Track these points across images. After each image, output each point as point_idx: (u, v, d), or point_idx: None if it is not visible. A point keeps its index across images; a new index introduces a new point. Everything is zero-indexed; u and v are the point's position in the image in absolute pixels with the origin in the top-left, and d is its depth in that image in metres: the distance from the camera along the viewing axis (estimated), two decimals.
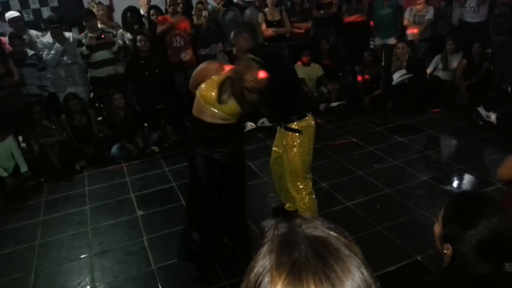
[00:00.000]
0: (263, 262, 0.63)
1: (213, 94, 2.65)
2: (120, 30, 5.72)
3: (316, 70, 6.22)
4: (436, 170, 4.22)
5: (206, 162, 2.80)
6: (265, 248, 0.64)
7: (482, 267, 1.29)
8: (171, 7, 5.64)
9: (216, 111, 2.68)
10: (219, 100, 2.65)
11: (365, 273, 0.62)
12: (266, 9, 6.12)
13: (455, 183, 4.05)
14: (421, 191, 3.89)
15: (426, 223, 3.28)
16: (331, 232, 0.65)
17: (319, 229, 0.65)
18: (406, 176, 4.12)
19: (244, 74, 2.57)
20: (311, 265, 0.60)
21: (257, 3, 6.31)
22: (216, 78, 2.69)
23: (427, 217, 3.39)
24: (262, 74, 2.51)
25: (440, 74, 6.03)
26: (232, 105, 2.66)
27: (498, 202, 1.39)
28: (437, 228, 1.41)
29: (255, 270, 0.63)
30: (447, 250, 1.36)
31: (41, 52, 5.27)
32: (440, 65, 6.03)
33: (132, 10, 5.78)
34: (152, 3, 6.24)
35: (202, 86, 2.70)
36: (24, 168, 4.79)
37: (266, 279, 0.61)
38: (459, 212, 1.34)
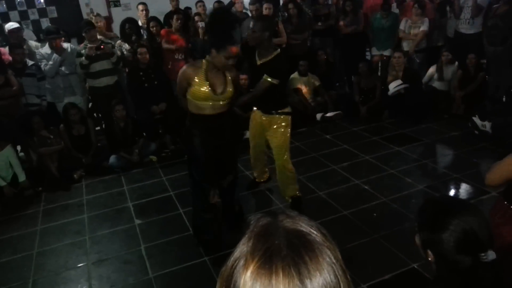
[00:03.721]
0: (242, 248, 0.69)
1: (206, 90, 2.98)
2: (118, 41, 5.78)
3: (313, 80, 6.28)
4: (433, 179, 4.26)
5: (203, 141, 3.15)
6: (245, 237, 0.69)
7: (462, 262, 1.35)
8: (178, 21, 5.70)
9: (216, 102, 3.03)
10: (215, 93, 3.00)
11: (336, 269, 0.65)
12: None
13: (451, 192, 4.08)
14: (418, 200, 3.91)
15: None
16: (310, 228, 0.68)
17: (298, 224, 0.69)
18: (403, 185, 4.16)
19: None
20: (282, 253, 0.63)
21: (254, 14, 6.38)
22: (199, 76, 2.99)
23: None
24: (234, 50, 2.97)
25: (436, 84, 6.09)
26: (228, 91, 3.05)
27: (461, 200, 1.48)
28: (417, 238, 1.47)
29: (234, 255, 0.69)
30: (430, 256, 1.42)
31: (39, 63, 5.32)
32: (436, 76, 6.09)
33: (130, 22, 5.85)
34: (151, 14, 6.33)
35: (192, 89, 3.00)
36: (22, 177, 4.79)
37: (241, 262, 0.66)
38: (429, 218, 1.42)
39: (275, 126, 3.64)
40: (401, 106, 5.82)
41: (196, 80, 2.98)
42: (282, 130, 3.63)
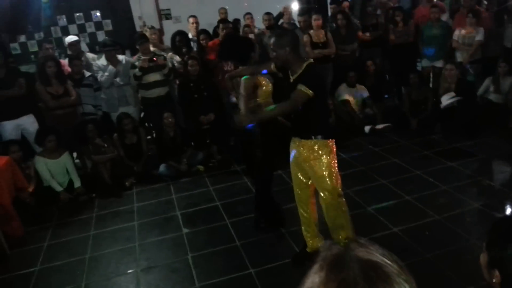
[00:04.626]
0: (313, 278, 0.66)
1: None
2: (170, 53, 5.95)
3: (361, 91, 6.18)
4: (488, 197, 4.05)
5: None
6: (316, 266, 0.67)
7: None
8: (223, 31, 5.80)
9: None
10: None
11: None
12: (312, 31, 6.18)
13: (508, 211, 3.87)
14: (472, 219, 3.74)
15: (478, 252, 3.12)
16: (384, 258, 0.65)
17: (372, 254, 0.66)
18: (456, 202, 3.98)
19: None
20: (358, 286, 0.61)
21: (302, 25, 6.40)
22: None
23: (479, 246, 3.24)
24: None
25: (492, 97, 5.82)
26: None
27: None
28: (483, 257, 1.41)
29: (305, 285, 0.66)
30: (495, 277, 1.35)
31: (96, 74, 5.57)
32: (492, 88, 5.82)
33: (180, 34, 6.01)
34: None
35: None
36: (77, 183, 5.02)
37: None
38: (503, 235, 1.36)
39: (315, 154, 3.06)
40: (454, 119, 5.61)
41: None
42: (324, 157, 3.05)
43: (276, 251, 3.55)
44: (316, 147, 3.05)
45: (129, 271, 3.58)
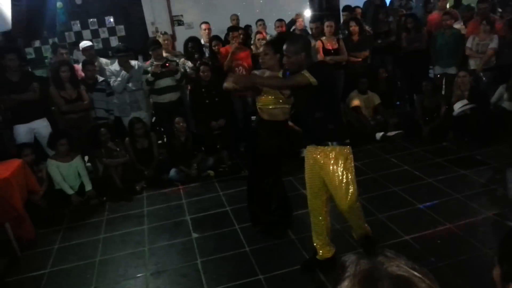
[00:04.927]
0: None
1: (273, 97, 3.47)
2: (182, 59, 5.99)
3: (373, 98, 6.16)
4: (502, 206, 3.97)
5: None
6: (346, 283, 0.64)
7: None
8: (234, 39, 5.83)
9: (286, 104, 3.49)
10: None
11: None
12: (324, 37, 6.18)
13: None
14: (485, 228, 3.68)
15: (490, 262, 3.08)
16: (415, 273, 0.64)
17: (402, 268, 0.64)
18: (469, 211, 3.93)
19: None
20: None
21: (314, 32, 6.40)
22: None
23: (492, 256, 3.19)
24: None
25: (506, 104, 5.74)
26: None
27: None
28: (496, 271, 1.36)
29: None
30: None
31: (109, 79, 5.63)
32: (505, 96, 5.75)
33: (193, 40, 6.04)
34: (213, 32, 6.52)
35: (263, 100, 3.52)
36: (89, 187, 5.05)
37: None
38: None
39: (332, 161, 3.00)
40: (466, 127, 5.55)
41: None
42: (341, 163, 2.99)
43: (286, 257, 3.52)
44: (332, 154, 2.99)
45: (139, 275, 3.58)
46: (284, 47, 3.01)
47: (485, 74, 6.07)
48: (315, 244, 3.31)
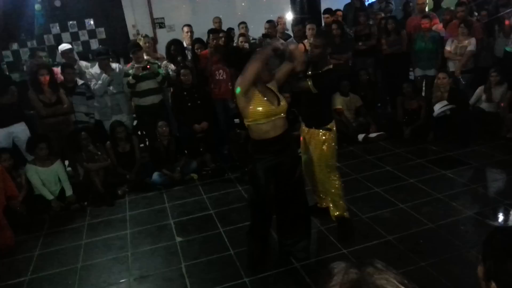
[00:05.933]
0: None
1: (266, 106, 2.94)
2: (165, 62, 5.94)
3: (354, 100, 6.21)
4: (482, 205, 4.06)
5: (268, 173, 3.09)
6: None
7: None
8: (214, 41, 5.81)
9: (278, 116, 2.98)
10: (278, 103, 2.99)
11: None
12: (306, 40, 6.21)
13: (502, 219, 3.88)
14: (467, 227, 3.75)
15: (473, 261, 3.13)
16: (402, 287, 0.63)
17: (391, 282, 0.63)
18: (450, 211, 3.99)
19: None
20: None
21: (296, 35, 6.43)
22: (255, 94, 2.94)
23: (474, 254, 3.25)
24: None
25: (484, 105, 5.87)
26: (283, 102, 3.04)
27: None
28: (480, 269, 1.38)
29: None
30: None
31: (89, 82, 5.54)
32: (484, 97, 5.88)
33: (175, 43, 6.00)
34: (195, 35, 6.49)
35: (250, 110, 2.92)
36: (69, 192, 4.96)
37: None
38: (499, 246, 1.32)
39: (314, 141, 3.68)
40: (447, 127, 5.65)
41: (252, 101, 2.93)
42: (322, 144, 3.64)
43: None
44: (320, 133, 3.64)
45: (122, 280, 3.52)
46: (313, 39, 3.64)
47: (463, 76, 6.19)
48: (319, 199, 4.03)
